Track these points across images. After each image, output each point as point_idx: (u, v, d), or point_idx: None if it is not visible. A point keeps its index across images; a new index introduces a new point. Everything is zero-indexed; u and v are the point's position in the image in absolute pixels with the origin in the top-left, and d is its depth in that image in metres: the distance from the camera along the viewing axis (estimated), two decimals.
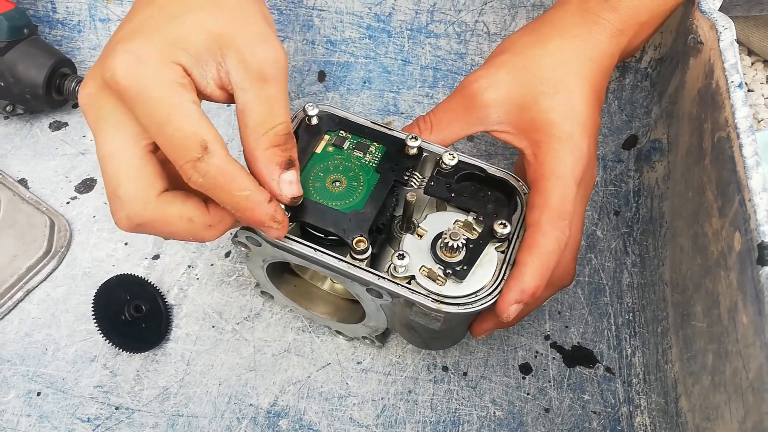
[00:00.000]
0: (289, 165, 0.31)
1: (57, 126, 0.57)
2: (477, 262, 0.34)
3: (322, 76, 0.57)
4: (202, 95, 0.30)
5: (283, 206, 0.32)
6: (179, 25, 0.29)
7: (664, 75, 0.47)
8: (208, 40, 0.29)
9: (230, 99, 0.31)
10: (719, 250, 0.32)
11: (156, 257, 0.49)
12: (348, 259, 0.34)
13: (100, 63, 0.29)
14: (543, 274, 0.32)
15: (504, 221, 0.34)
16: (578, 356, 0.44)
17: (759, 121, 0.45)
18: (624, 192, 0.50)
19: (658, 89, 0.48)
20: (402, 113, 0.57)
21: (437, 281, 0.33)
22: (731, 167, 0.31)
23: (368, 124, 0.38)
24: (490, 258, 0.34)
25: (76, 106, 0.58)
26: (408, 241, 0.35)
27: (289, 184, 0.31)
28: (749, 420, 0.27)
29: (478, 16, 0.53)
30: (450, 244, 0.33)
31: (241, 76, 0.30)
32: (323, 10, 0.56)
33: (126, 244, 0.49)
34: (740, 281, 0.29)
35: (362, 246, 0.33)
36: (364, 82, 0.58)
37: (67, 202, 0.52)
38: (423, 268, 0.33)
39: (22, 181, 0.53)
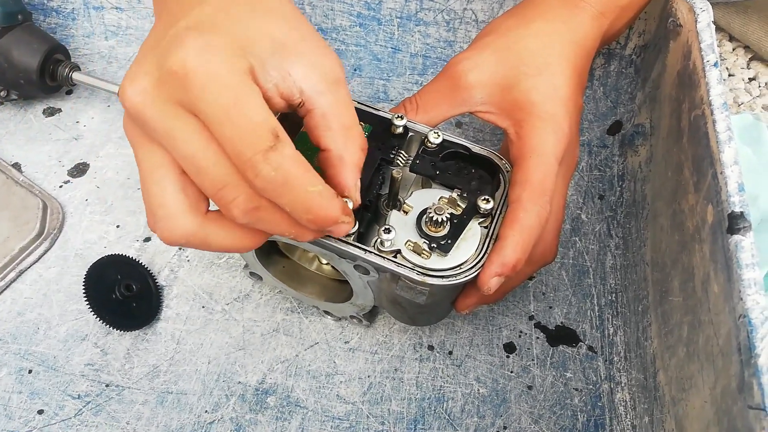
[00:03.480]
0: (360, 170, 0.31)
1: (51, 112, 0.57)
2: (461, 237, 0.34)
3: None
4: None
5: None
6: (245, 28, 0.28)
7: (648, 61, 0.48)
8: (274, 46, 0.28)
9: (285, 109, 0.30)
10: (694, 225, 0.33)
11: (147, 239, 0.49)
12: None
13: (157, 56, 0.27)
14: (524, 248, 0.33)
15: (487, 197, 0.35)
16: (561, 336, 0.45)
17: (739, 105, 0.45)
18: (608, 176, 0.51)
19: (642, 75, 0.49)
20: (392, 100, 0.58)
21: (422, 255, 0.34)
22: (705, 143, 0.31)
23: (355, 104, 0.38)
24: (473, 232, 0.35)
25: (69, 92, 0.58)
26: (394, 216, 0.35)
27: (358, 190, 0.31)
28: (719, 384, 0.28)
29: (466, 3, 0.54)
30: (435, 219, 0.34)
31: (316, 80, 0.29)
32: None
33: (118, 226, 0.50)
34: (712, 251, 0.30)
35: None
36: (355, 70, 0.58)
37: (60, 186, 0.52)
38: (408, 242, 0.34)
39: (16, 165, 0.53)
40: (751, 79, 0.47)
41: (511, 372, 0.44)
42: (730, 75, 0.47)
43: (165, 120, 0.26)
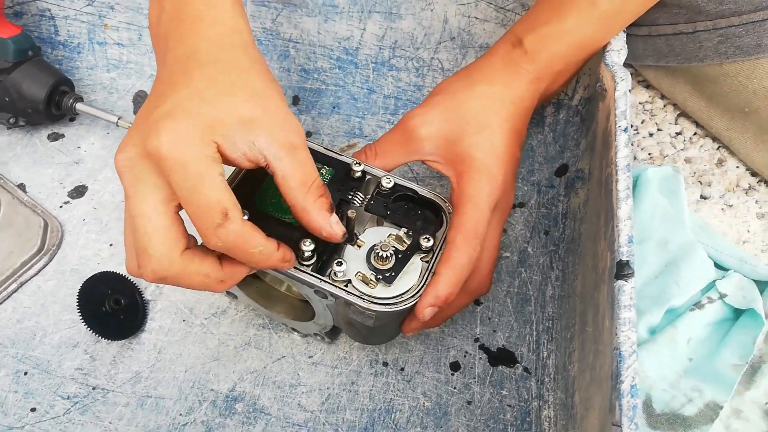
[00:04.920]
0: (331, 209, 0.37)
1: (55, 137, 0.63)
2: (404, 270, 0.40)
3: (296, 101, 0.64)
4: (231, 164, 0.34)
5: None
6: (216, 110, 0.33)
7: (591, 113, 0.54)
8: (241, 122, 0.33)
9: (255, 167, 0.35)
10: (602, 267, 0.38)
11: None
12: (297, 265, 0.40)
13: (142, 133, 0.33)
14: (455, 283, 0.38)
15: (428, 236, 0.40)
16: (502, 357, 0.50)
17: (664, 157, 0.51)
18: (554, 214, 0.56)
19: (586, 125, 0.55)
20: (366, 136, 0.64)
21: (369, 285, 0.39)
22: (609, 198, 0.37)
23: (321, 150, 0.44)
24: (415, 267, 0.40)
25: (72, 119, 0.64)
26: (348, 250, 0.41)
27: (337, 224, 0.37)
28: (603, 405, 0.33)
29: (433, 53, 0.60)
30: (381, 254, 0.39)
31: (276, 149, 0.34)
32: (298, 42, 0.62)
33: (111, 245, 0.56)
34: (608, 292, 0.35)
35: (308, 254, 0.39)
36: (334, 107, 0.64)
37: (60, 206, 0.58)
38: (359, 273, 0.40)
39: (21, 186, 0.59)
40: (677, 134, 0.53)
41: (454, 388, 0.49)
42: (658, 129, 0.53)
43: (133, 184, 0.33)
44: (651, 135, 0.53)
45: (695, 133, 0.53)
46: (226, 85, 0.34)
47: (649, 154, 0.52)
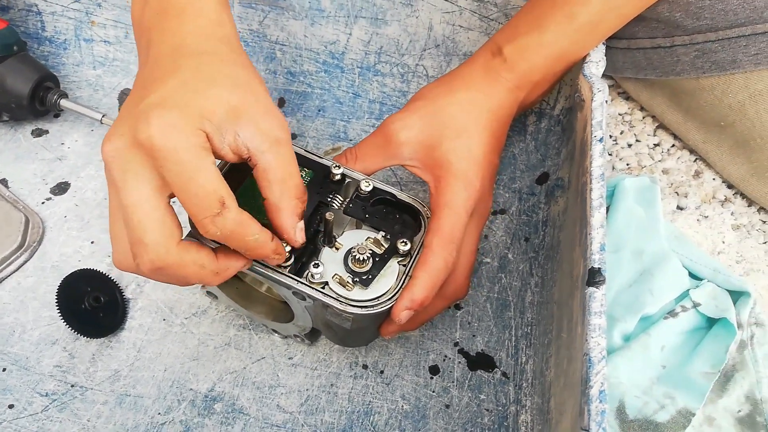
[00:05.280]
0: (301, 215, 0.37)
1: (38, 133, 0.63)
2: (380, 273, 0.40)
3: (282, 103, 0.64)
4: (217, 156, 0.34)
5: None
6: (204, 99, 0.33)
7: (571, 122, 0.54)
8: (228, 112, 0.33)
9: (238, 161, 0.35)
10: (576, 274, 0.39)
11: None
12: (275, 266, 0.40)
13: (130, 124, 0.32)
14: (431, 287, 0.39)
15: (405, 240, 0.41)
16: (480, 361, 0.51)
17: (642, 167, 0.52)
18: (534, 221, 0.57)
19: (566, 134, 0.56)
20: (351, 140, 0.64)
21: (346, 287, 0.40)
22: (584, 206, 0.38)
23: (301, 152, 0.44)
24: (392, 270, 0.41)
25: (57, 116, 0.64)
26: (325, 252, 0.41)
27: (301, 231, 0.37)
28: (574, 410, 0.33)
29: (418, 60, 0.60)
30: (357, 257, 0.40)
31: (259, 141, 0.34)
32: (285, 45, 0.63)
33: (92, 242, 0.56)
34: (580, 299, 0.36)
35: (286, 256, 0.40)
36: (319, 111, 0.65)
37: (42, 203, 0.58)
38: (336, 275, 0.40)
39: (3, 181, 0.59)
40: (656, 145, 0.53)
41: (433, 391, 0.49)
42: (637, 140, 0.54)
43: (123, 174, 0.32)
44: (630, 146, 0.54)
45: (673, 145, 0.53)
46: (212, 76, 0.34)
47: (627, 164, 0.53)
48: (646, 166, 0.51)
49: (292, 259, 0.40)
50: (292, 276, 0.40)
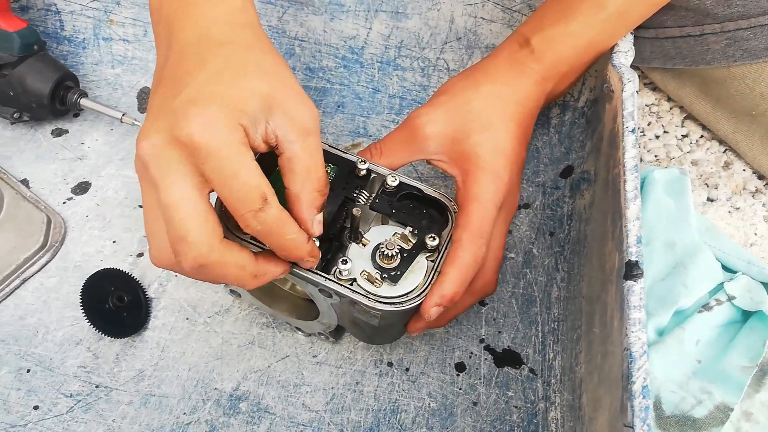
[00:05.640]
0: (321, 208, 0.36)
1: (58, 133, 0.63)
2: (409, 269, 0.40)
3: None
4: (252, 148, 0.34)
5: None
6: (239, 91, 0.32)
7: (596, 114, 0.53)
8: (261, 102, 0.33)
9: (268, 149, 0.35)
10: (610, 268, 0.38)
11: (140, 255, 0.55)
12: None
13: (167, 120, 0.32)
14: (461, 283, 0.38)
15: (434, 235, 0.40)
16: (507, 358, 0.50)
17: (671, 159, 0.51)
18: (559, 215, 0.56)
19: (591, 126, 0.55)
20: (371, 136, 0.63)
21: (375, 283, 0.39)
22: (617, 198, 0.37)
23: (326, 147, 0.44)
24: (420, 265, 0.40)
25: (77, 115, 0.64)
26: (353, 249, 0.41)
27: (318, 224, 0.36)
28: (612, 407, 0.33)
29: (439, 53, 0.60)
30: (386, 253, 0.39)
31: (288, 130, 0.34)
32: (304, 41, 0.62)
33: (114, 242, 0.55)
34: (616, 293, 0.35)
35: None
36: (338, 107, 0.64)
37: (64, 202, 0.58)
38: (364, 272, 0.40)
39: (24, 182, 0.59)
40: (684, 136, 0.52)
41: (460, 389, 0.49)
42: (665, 132, 0.53)
43: (162, 172, 0.32)
44: (657, 137, 0.53)
45: (701, 136, 0.52)
46: (242, 66, 0.34)
47: (656, 156, 0.52)
48: (675, 158, 0.50)
49: (319, 256, 0.39)
50: (320, 273, 0.39)
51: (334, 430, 0.47)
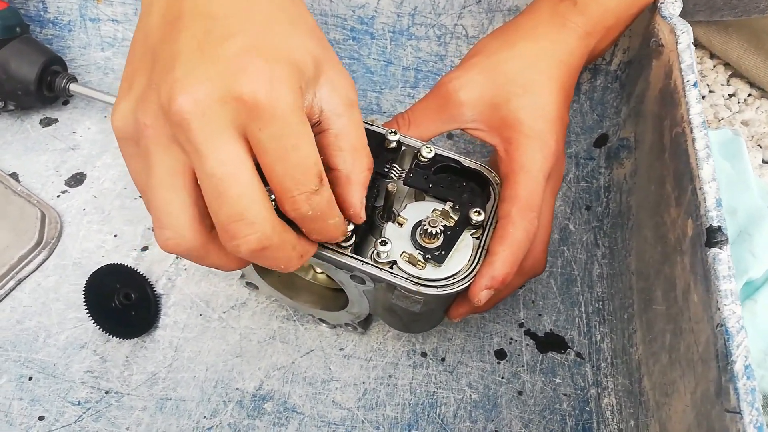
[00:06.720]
0: (366, 189, 0.32)
1: (47, 122, 0.58)
2: (454, 248, 0.36)
3: None
4: None
5: None
6: (294, 49, 0.27)
7: (632, 77, 0.50)
8: (314, 65, 0.28)
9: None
10: (676, 237, 0.34)
11: (145, 248, 0.50)
12: (334, 247, 0.36)
13: (218, 69, 0.26)
14: (513, 263, 0.34)
15: (478, 209, 0.36)
16: (550, 342, 0.46)
17: (719, 120, 0.47)
18: (595, 188, 0.53)
19: (626, 90, 0.51)
20: (384, 112, 0.59)
21: (417, 265, 0.35)
22: (685, 159, 0.33)
23: None
24: (466, 244, 0.36)
25: (66, 102, 0.59)
26: (390, 228, 0.37)
27: (362, 206, 0.32)
28: (699, 390, 0.29)
29: (457, 19, 0.55)
30: (429, 231, 0.35)
31: (336, 102, 0.29)
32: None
33: (115, 236, 0.51)
34: (692, 263, 0.31)
35: (347, 234, 0.35)
36: None
37: (58, 196, 0.53)
38: (404, 253, 0.36)
39: (14, 175, 0.54)
40: (731, 95, 0.49)
41: (502, 378, 0.45)
42: (710, 91, 0.49)
43: (211, 135, 0.25)
44: (703, 97, 0.49)
45: (749, 95, 0.49)
46: (294, 18, 0.28)
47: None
48: (724, 119, 0.47)
49: (353, 239, 0.35)
50: (356, 256, 0.35)
51: (370, 428, 0.43)
